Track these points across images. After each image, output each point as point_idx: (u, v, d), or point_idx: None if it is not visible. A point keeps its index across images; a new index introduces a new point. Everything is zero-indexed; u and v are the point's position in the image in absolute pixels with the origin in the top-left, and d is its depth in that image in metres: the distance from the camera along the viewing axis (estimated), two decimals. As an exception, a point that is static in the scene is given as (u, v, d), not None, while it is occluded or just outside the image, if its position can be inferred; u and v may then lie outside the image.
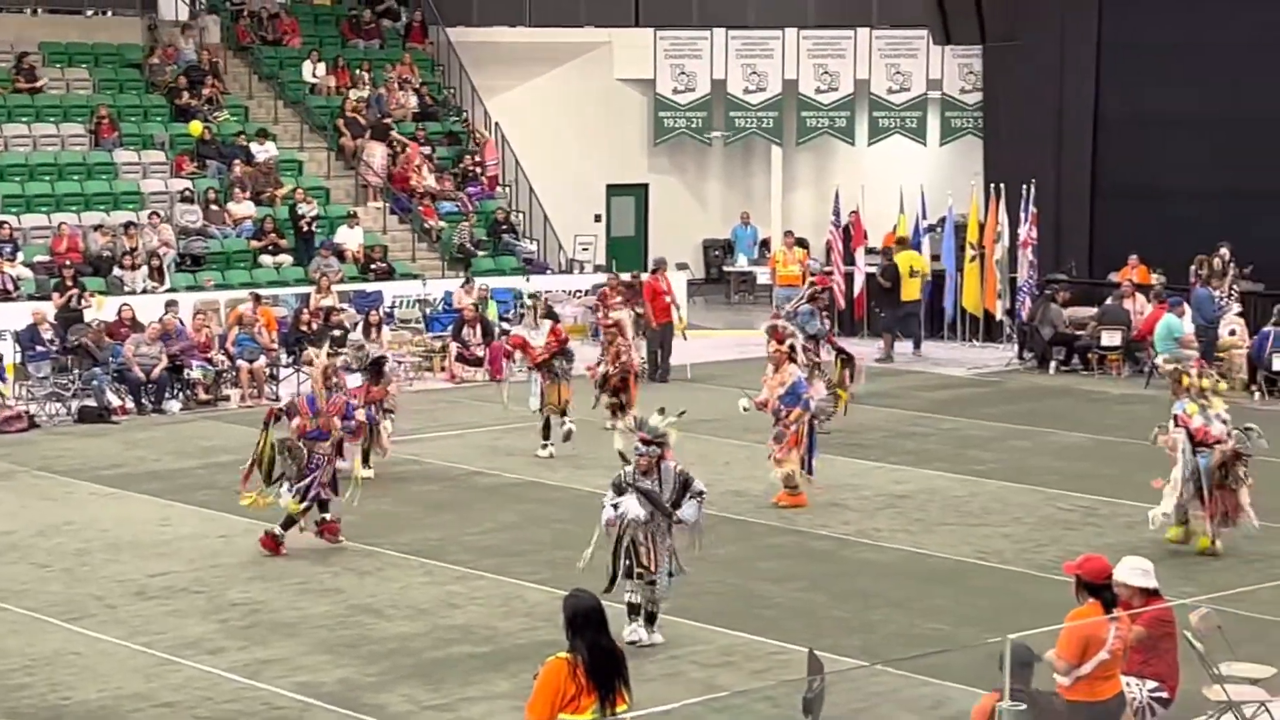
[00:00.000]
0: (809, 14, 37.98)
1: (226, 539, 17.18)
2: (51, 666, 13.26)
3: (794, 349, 18.87)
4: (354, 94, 34.51)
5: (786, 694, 10.91)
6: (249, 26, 35.65)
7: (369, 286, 29.99)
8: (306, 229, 30.87)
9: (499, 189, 35.10)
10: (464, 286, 29.45)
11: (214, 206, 30.88)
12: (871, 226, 32.23)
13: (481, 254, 32.51)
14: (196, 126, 32.27)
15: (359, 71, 35.31)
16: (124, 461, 21.17)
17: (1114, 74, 32.42)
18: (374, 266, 30.92)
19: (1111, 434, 22.23)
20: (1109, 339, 27.63)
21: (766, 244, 37.48)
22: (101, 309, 26.52)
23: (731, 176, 39.38)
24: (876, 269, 30.46)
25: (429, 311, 29.95)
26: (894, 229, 31.61)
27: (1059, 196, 32.34)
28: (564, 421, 21.02)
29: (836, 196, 31.93)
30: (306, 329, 26.42)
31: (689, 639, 13.82)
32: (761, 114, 37.67)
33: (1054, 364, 28.16)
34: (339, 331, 25.94)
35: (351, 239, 31.25)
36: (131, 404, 24.41)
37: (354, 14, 37.20)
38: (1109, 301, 28.35)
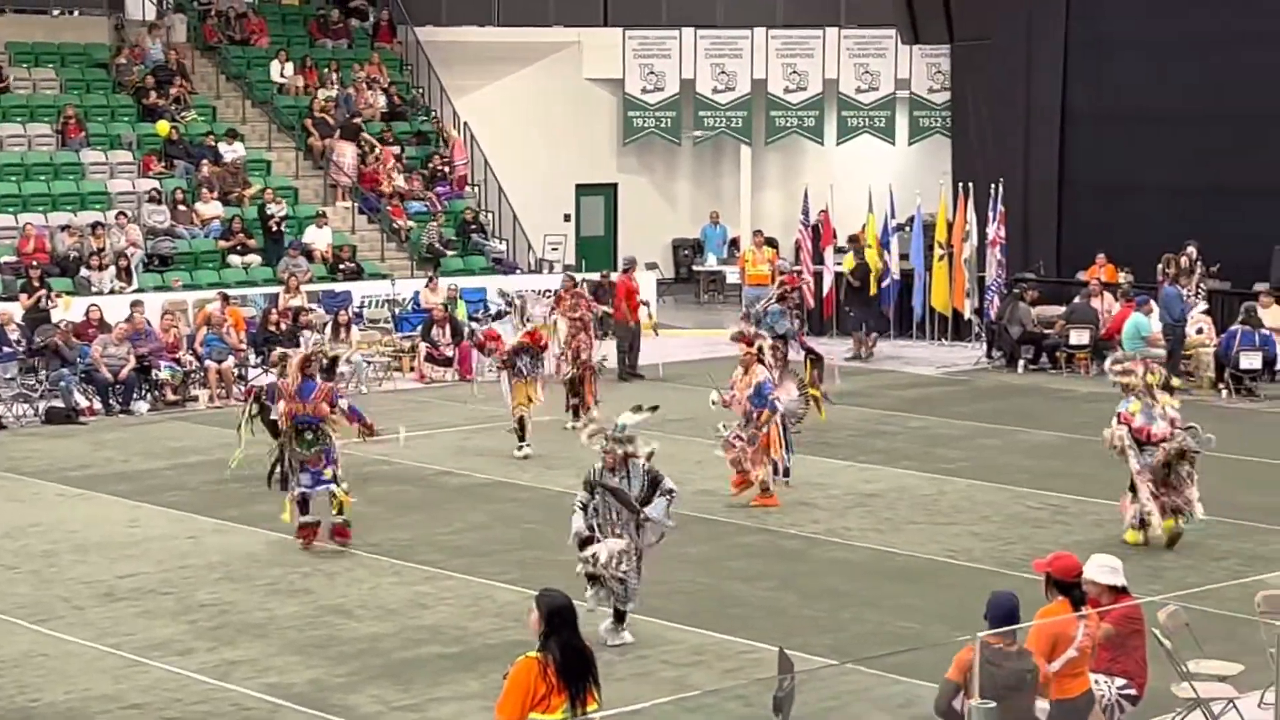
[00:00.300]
0: (777, 14, 38.03)
1: (195, 540, 17.13)
2: (19, 668, 13.20)
3: (762, 350, 18.90)
4: (322, 94, 34.44)
5: (757, 693, 10.91)
6: (216, 26, 35.55)
7: (337, 286, 29.94)
8: (276, 229, 30.80)
9: (468, 189, 35.06)
10: (429, 285, 29.42)
11: (182, 207, 30.78)
12: (840, 226, 32.31)
13: (450, 254, 32.48)
14: (164, 126, 32.17)
15: (327, 71, 35.25)
16: (92, 462, 21.10)
17: (1081, 73, 32.52)
18: (342, 266, 30.87)
19: (1079, 432, 22.26)
20: (1077, 337, 27.72)
21: (736, 243, 37.52)
22: (69, 309, 26.42)
23: (701, 176, 39.41)
24: (842, 262, 30.68)
25: (398, 311, 29.89)
26: (862, 228, 31.68)
27: (1027, 195, 32.44)
28: (522, 446, 20.99)
29: (805, 196, 32.00)
30: (275, 329, 26.36)
31: (660, 638, 13.82)
32: (730, 113, 37.70)
33: (1022, 363, 28.23)
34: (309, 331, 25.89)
35: (320, 239, 31.19)
36: (99, 405, 24.32)
37: (322, 13, 37.12)
38: (1077, 300, 28.44)
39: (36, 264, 27.59)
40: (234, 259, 30.45)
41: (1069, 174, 32.70)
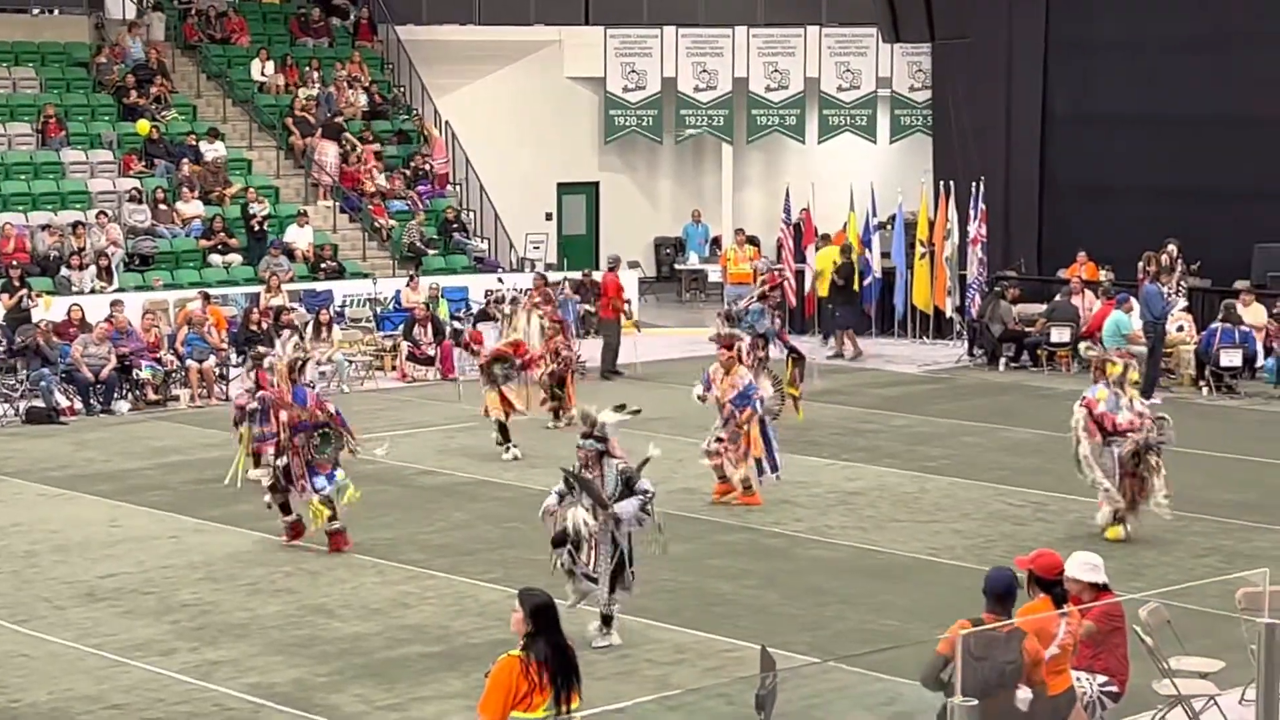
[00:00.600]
0: (759, 12, 38.04)
1: (176, 540, 17.10)
2: (1, 669, 13.17)
3: (741, 350, 18.90)
4: (303, 93, 34.39)
5: (739, 691, 10.92)
6: (197, 25, 35.47)
7: (319, 286, 29.90)
8: (258, 228, 30.76)
9: (449, 187, 35.03)
10: (410, 284, 29.40)
11: (162, 206, 30.73)
12: (822, 224, 32.30)
13: (432, 252, 32.45)
14: (144, 125, 32.10)
15: (308, 70, 35.20)
16: (72, 462, 21.05)
17: (1062, 72, 32.58)
18: (324, 265, 30.83)
19: (1060, 430, 22.06)
20: (1058, 335, 27.77)
21: (717, 242, 37.53)
22: (49, 309, 26.36)
23: (682, 174, 39.41)
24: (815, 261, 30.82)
25: (379, 310, 29.86)
26: (844, 227, 31.71)
27: (1008, 194, 32.50)
28: (509, 447, 20.98)
29: (787, 194, 32.02)
30: (256, 328, 26.30)
31: (642, 637, 13.82)
32: (712, 112, 37.70)
33: (1004, 360, 28.29)
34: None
35: (301, 238, 31.15)
36: (80, 405, 24.26)
37: (302, 12, 37.06)
38: (1058, 298, 28.49)
39: (17, 264, 27.53)
40: (215, 258, 30.39)
41: (1050, 172, 32.77)
